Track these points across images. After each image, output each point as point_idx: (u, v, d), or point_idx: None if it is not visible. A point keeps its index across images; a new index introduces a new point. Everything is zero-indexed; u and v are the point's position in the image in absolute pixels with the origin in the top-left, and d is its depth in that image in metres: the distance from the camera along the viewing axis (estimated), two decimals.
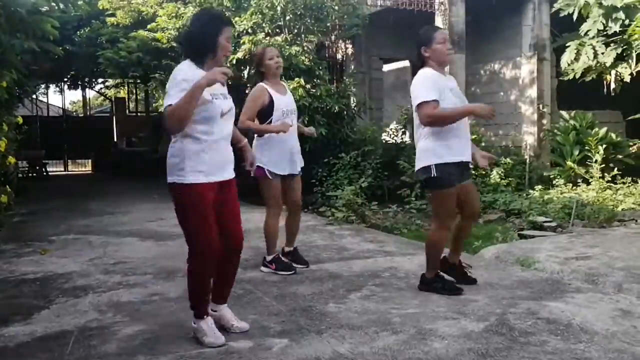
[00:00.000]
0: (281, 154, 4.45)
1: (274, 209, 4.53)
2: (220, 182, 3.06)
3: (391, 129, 10.11)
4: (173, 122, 2.88)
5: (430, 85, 3.72)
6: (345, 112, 9.10)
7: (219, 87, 3.08)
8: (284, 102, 4.49)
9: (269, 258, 4.54)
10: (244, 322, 3.24)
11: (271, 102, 4.42)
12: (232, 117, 3.17)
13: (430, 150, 3.76)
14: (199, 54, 3.01)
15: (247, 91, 7.00)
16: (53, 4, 7.04)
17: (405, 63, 14.01)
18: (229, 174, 3.12)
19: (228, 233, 3.13)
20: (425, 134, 3.80)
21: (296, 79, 8.16)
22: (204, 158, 2.98)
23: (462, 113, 3.75)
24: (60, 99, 34.77)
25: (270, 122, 4.42)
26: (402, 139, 9.96)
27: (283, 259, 4.60)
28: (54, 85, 19.20)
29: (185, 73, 2.94)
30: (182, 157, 2.97)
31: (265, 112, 4.42)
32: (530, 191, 8.21)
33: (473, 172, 4.22)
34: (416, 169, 3.87)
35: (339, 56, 11.28)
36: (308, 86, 8.30)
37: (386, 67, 13.78)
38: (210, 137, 3.00)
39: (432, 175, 3.73)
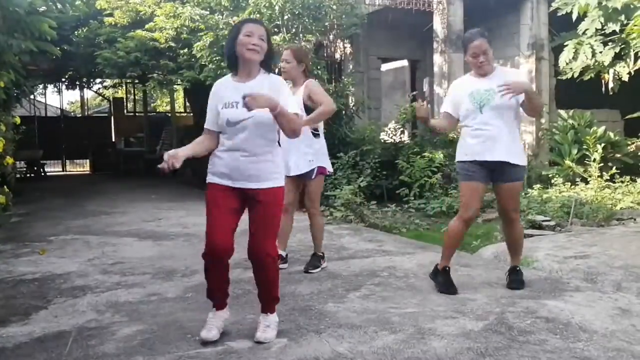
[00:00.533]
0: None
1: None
2: (240, 189, 3.03)
3: (390, 129, 10.10)
4: None
5: (447, 96, 4.16)
6: (343, 112, 9.10)
7: (239, 95, 2.92)
8: None
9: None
10: (268, 335, 3.07)
11: None
12: (256, 125, 2.98)
13: (457, 149, 4.12)
14: (229, 63, 3.12)
15: None
16: (50, 3, 7.04)
17: (404, 62, 14.00)
18: (250, 183, 3.02)
19: (248, 244, 3.10)
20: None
21: None
22: (217, 162, 3.08)
23: (430, 124, 4.11)
24: (58, 99, 34.71)
25: None
26: (400, 138, 9.96)
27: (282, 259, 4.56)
28: (52, 85, 19.16)
29: (216, 85, 3.16)
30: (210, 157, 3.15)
31: None
32: (529, 190, 8.21)
33: None
34: None
35: (337, 56, 11.29)
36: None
37: (384, 67, 13.77)
38: (223, 145, 3.07)
39: (457, 170, 4.11)
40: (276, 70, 4.53)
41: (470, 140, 3.92)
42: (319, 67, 8.85)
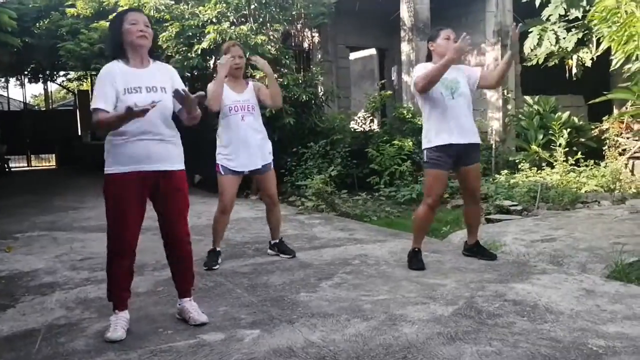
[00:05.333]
0: (235, 151, 4.41)
1: (221, 203, 4.49)
2: (150, 174, 3.02)
3: (359, 117, 10.14)
4: (99, 131, 3.06)
5: (421, 70, 4.21)
6: (313, 101, 9.08)
7: (145, 80, 3.03)
8: (234, 99, 4.40)
9: (210, 248, 4.54)
10: (203, 315, 3.20)
11: None
12: (161, 108, 3.01)
13: (425, 136, 4.27)
14: (116, 51, 3.08)
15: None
16: None
17: (372, 51, 14.04)
18: (159, 165, 3.05)
19: (168, 229, 3.17)
20: (424, 119, 4.33)
21: None
22: (122, 150, 3.01)
23: (441, 66, 4.02)
24: (21, 92, 33.92)
25: (218, 116, 4.44)
26: (370, 127, 10.00)
27: (220, 255, 4.57)
28: (14, 78, 18.69)
29: (105, 71, 3.02)
30: (106, 151, 3.06)
31: None
32: (497, 176, 8.34)
33: None
34: None
35: (305, 45, 11.24)
36: (275, 75, 8.24)
37: (353, 55, 13.79)
38: (127, 133, 2.98)
39: (424, 159, 4.26)
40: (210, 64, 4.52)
41: (441, 124, 4.16)
42: (287, 57, 8.80)
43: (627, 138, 9.17)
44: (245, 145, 4.43)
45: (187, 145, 3.30)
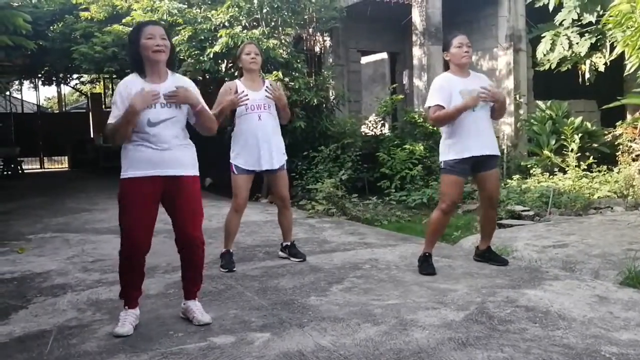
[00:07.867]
0: (250, 149, 4.42)
1: (234, 204, 4.53)
2: (162, 179, 3.10)
3: (370, 121, 10.13)
4: (112, 141, 3.15)
5: (436, 91, 4.19)
6: (324, 105, 9.09)
7: (160, 96, 3.09)
8: (251, 97, 4.41)
9: (223, 251, 4.56)
10: (207, 315, 3.24)
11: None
12: (175, 123, 3.14)
13: (442, 149, 4.28)
14: (135, 64, 3.17)
15: None
16: None
17: (383, 55, 14.04)
18: (171, 170, 3.12)
19: (179, 232, 3.22)
20: (443, 130, 4.29)
21: (274, 72, 8.13)
22: (135, 156, 3.11)
23: (455, 111, 4.05)
24: (34, 95, 34.23)
25: (235, 116, 4.48)
26: (381, 131, 9.99)
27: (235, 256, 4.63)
28: (28, 81, 18.85)
29: (122, 84, 3.14)
30: (122, 157, 3.17)
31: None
32: (508, 181, 8.30)
33: None
34: None
35: (316, 49, 11.25)
36: (286, 79, 8.27)
37: (364, 59, 13.80)
38: (142, 144, 3.10)
39: (442, 165, 4.28)
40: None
41: (460, 138, 4.14)
42: (298, 61, 8.82)
43: None
44: (260, 144, 4.43)
45: (197, 149, 3.32)
